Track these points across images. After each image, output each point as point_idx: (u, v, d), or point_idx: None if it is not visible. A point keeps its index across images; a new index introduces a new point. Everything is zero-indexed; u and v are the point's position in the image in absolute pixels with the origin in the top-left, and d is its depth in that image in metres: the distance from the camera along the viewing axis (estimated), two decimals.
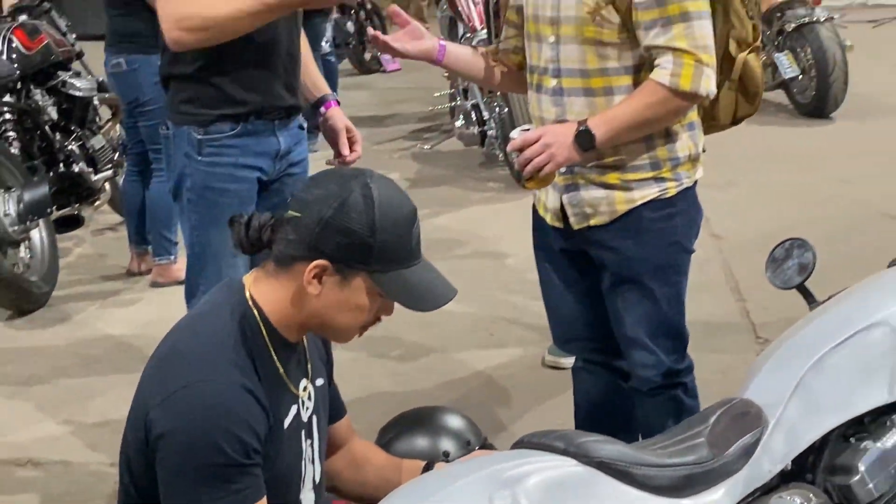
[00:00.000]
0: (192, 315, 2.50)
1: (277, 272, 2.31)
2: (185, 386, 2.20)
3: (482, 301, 5.25)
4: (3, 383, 4.69)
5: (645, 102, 2.95)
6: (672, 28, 2.90)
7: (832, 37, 8.80)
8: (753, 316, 5.15)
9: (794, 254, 2.99)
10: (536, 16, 3.11)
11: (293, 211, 2.27)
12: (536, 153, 2.93)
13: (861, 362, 2.46)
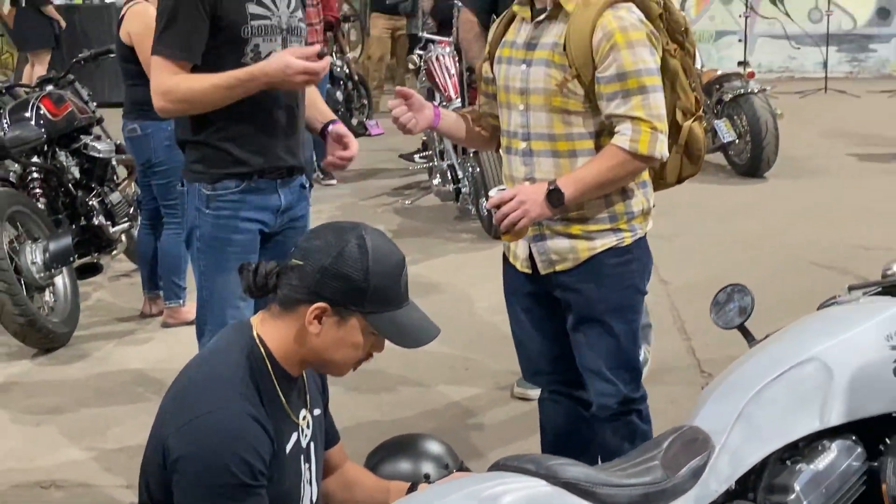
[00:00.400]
0: (205, 351, 2.51)
1: (282, 314, 2.32)
2: (200, 415, 2.20)
3: (458, 340, 5.24)
4: (30, 413, 4.65)
5: (608, 165, 2.98)
6: (631, 99, 2.95)
7: (765, 106, 8.89)
8: (698, 353, 5.16)
9: (734, 298, 3.01)
10: (507, 87, 3.15)
11: (296, 259, 2.29)
12: (512, 209, 2.95)
13: (795, 394, 2.47)
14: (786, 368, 2.51)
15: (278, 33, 3.34)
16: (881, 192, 8.33)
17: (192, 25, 3.23)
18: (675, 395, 4.64)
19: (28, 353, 5.31)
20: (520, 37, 3.16)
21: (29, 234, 5.46)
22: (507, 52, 3.18)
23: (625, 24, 2.96)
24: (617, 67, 2.94)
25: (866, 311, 2.61)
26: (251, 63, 3.28)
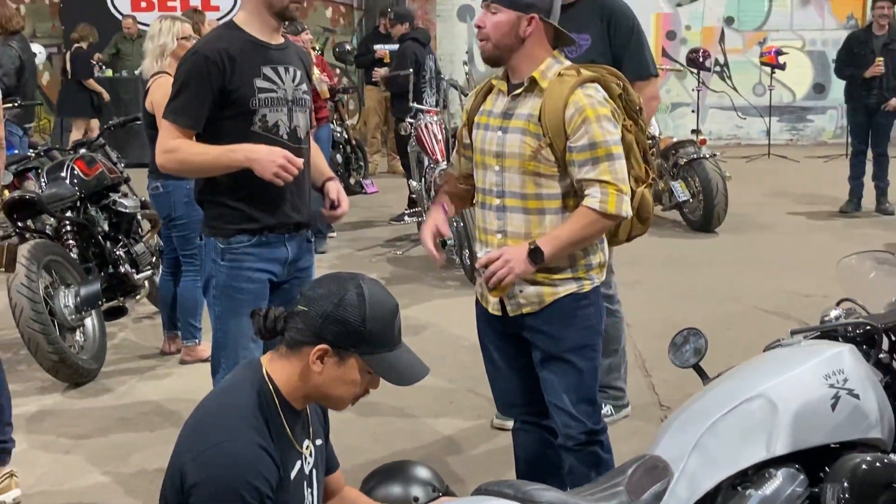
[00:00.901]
0: (220, 387, 2.50)
1: (288, 354, 2.32)
2: (214, 445, 2.20)
3: (443, 376, 5.24)
4: (60, 441, 4.62)
5: (581, 224, 3.03)
6: (600, 165, 3.00)
7: (715, 169, 8.95)
8: (658, 389, 5.15)
9: (690, 340, 3.02)
10: (483, 150, 3.19)
11: (301, 306, 2.30)
12: (499, 268, 3.02)
13: (745, 427, 2.47)
14: (736, 404, 2.51)
15: (284, 104, 3.37)
16: (818, 245, 8.38)
17: (198, 97, 3.27)
18: (636, 426, 4.64)
19: (59, 386, 5.28)
20: (496, 106, 3.19)
21: (62, 280, 5.45)
22: (484, 119, 3.22)
23: (594, 101, 3.02)
24: (588, 138, 2.99)
25: (807, 353, 2.62)
26: (260, 130, 3.30)
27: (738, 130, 15.47)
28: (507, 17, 3.05)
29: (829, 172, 11.98)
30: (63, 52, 14.71)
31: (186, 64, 3.31)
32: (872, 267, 3.02)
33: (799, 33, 15.31)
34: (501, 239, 3.17)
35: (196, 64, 3.26)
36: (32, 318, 4.99)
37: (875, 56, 9.45)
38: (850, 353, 2.59)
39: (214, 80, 3.24)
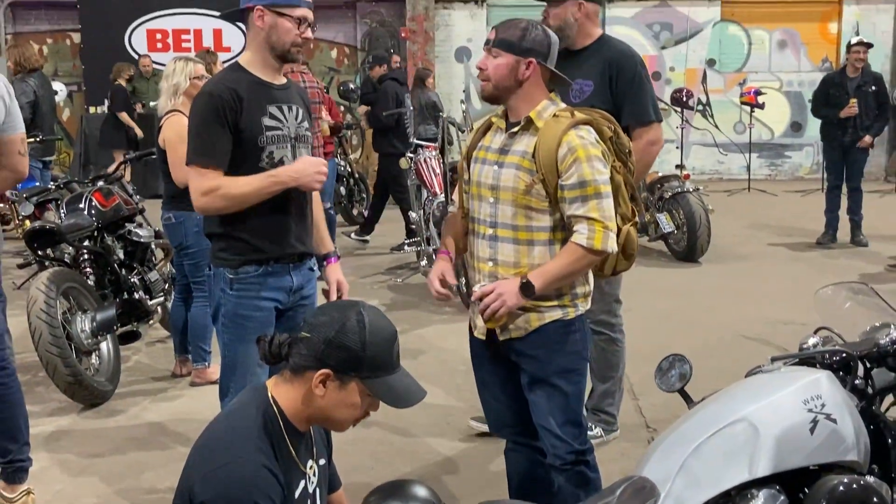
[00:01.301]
0: (227, 410, 2.47)
1: (292, 378, 2.32)
2: (221, 465, 2.18)
3: (441, 398, 5.22)
4: (76, 459, 4.58)
5: (569, 259, 3.05)
6: (588, 203, 3.02)
7: (698, 202, 8.97)
8: (645, 411, 5.13)
9: (675, 365, 3.01)
10: (479, 182, 3.21)
11: (305, 332, 2.29)
12: (493, 301, 3.05)
13: (728, 449, 2.46)
14: (720, 427, 2.50)
15: (288, 141, 3.38)
16: (796, 275, 8.38)
17: (218, 137, 3.26)
18: (624, 448, 4.62)
19: (75, 407, 5.25)
20: (494, 143, 3.22)
21: (80, 306, 5.43)
22: (482, 154, 3.24)
23: (585, 142, 3.04)
24: (578, 176, 3.01)
25: (786, 379, 2.61)
26: (267, 166, 3.31)
27: (720, 166, 15.53)
28: (506, 61, 3.09)
29: (806, 206, 12.02)
30: (83, 90, 14.79)
31: (200, 105, 3.30)
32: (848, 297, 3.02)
33: (777, 75, 15.41)
34: (492, 267, 3.18)
35: (210, 104, 3.26)
36: (51, 342, 4.97)
37: (849, 97, 9.50)
38: (828, 379, 2.58)
39: (229, 118, 3.24)
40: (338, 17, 15.00)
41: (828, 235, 9.79)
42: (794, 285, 7.82)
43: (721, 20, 15.27)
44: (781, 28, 15.30)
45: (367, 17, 15.30)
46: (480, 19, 15.15)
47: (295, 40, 3.31)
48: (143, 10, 14.65)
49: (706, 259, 9.00)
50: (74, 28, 14.94)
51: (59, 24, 15.21)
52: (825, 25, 15.30)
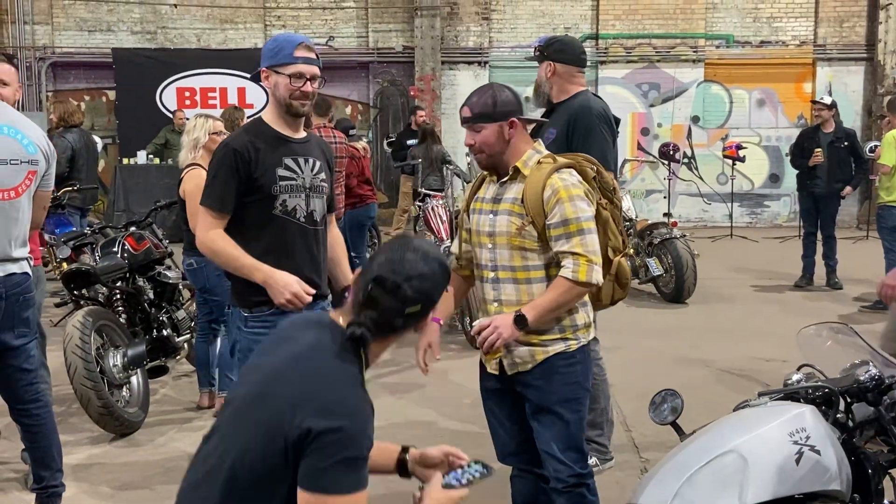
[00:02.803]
0: (316, 346, 2.23)
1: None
2: (339, 399, 2.08)
3: (448, 429, 5.18)
4: (107, 487, 4.54)
5: (557, 293, 3.09)
6: (573, 239, 3.08)
7: (685, 248, 8.97)
8: (637, 442, 5.08)
9: (668, 400, 2.98)
10: (478, 231, 3.26)
11: (413, 302, 2.25)
12: (489, 334, 3.08)
13: (719, 479, 2.43)
14: (711, 458, 2.47)
15: (302, 191, 3.39)
16: (776, 315, 8.36)
17: (228, 185, 3.30)
18: (619, 477, 4.57)
19: (107, 437, 5.21)
20: (488, 193, 3.28)
21: (112, 342, 5.42)
22: (478, 205, 3.30)
23: (567, 184, 3.11)
24: (561, 215, 3.08)
25: (773, 413, 2.58)
26: (280, 214, 3.32)
27: (704, 214, 15.55)
28: (491, 130, 3.16)
29: (785, 251, 12.01)
30: (117, 143, 14.88)
31: (218, 155, 3.36)
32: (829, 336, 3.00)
33: (756, 130, 15.48)
34: (498, 307, 3.20)
35: (226, 156, 3.31)
36: (85, 376, 4.96)
37: (820, 148, 9.57)
38: (812, 413, 2.55)
39: (242, 170, 3.28)
40: (352, 77, 15.14)
41: (805, 279, 9.78)
42: (776, 324, 7.79)
43: (704, 80, 15.38)
44: (760, 88, 15.40)
45: (379, 76, 15.44)
46: (483, 78, 15.28)
47: (293, 94, 3.33)
48: (173, 70, 14.79)
49: (693, 300, 8.98)
50: (110, 86, 15.08)
51: (95, 82, 15.36)
52: (800, 85, 15.40)
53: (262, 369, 2.21)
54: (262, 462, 2.07)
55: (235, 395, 2.25)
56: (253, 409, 2.13)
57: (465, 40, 15.40)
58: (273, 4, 15.43)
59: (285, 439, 2.04)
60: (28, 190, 3.87)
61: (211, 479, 2.13)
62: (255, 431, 2.09)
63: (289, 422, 2.04)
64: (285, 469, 2.06)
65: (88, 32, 15.37)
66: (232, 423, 2.17)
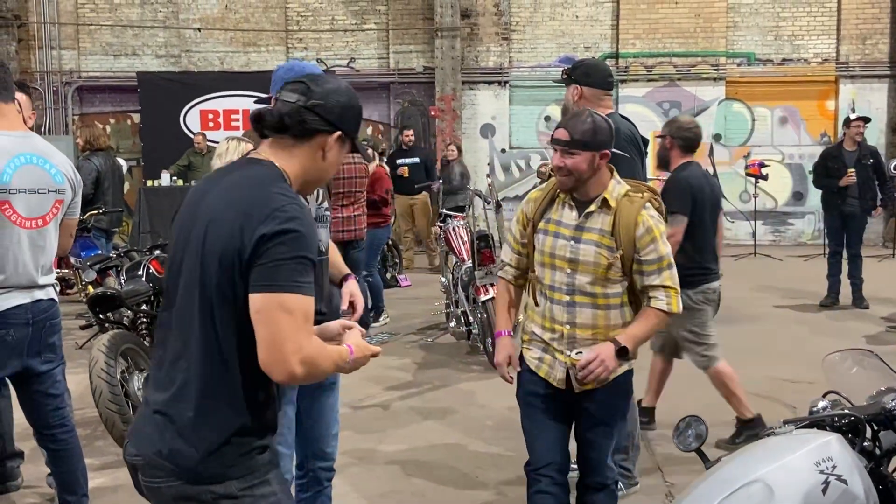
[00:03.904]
0: (246, 176, 2.26)
1: (294, 146, 2.29)
2: (281, 206, 2.13)
3: (471, 452, 5.16)
4: None
5: (653, 323, 3.30)
6: (664, 273, 3.27)
7: None
8: (662, 465, 5.05)
9: (692, 426, 2.95)
10: (553, 254, 3.35)
11: (316, 100, 2.28)
12: (596, 367, 3.21)
13: None
14: (736, 488, 2.45)
15: None
16: (801, 336, 8.28)
17: None
18: (643, 500, 4.55)
19: None
20: (566, 218, 3.35)
21: (136, 365, 5.44)
22: (553, 227, 3.38)
23: (656, 221, 3.30)
24: (657, 253, 3.26)
25: (799, 442, 2.56)
26: None
27: (728, 232, 15.44)
28: (584, 158, 3.26)
29: (809, 270, 11.91)
30: (141, 165, 15.03)
31: None
32: (854, 363, 2.97)
33: (779, 148, 15.40)
34: (570, 329, 3.33)
35: None
36: (110, 400, 4.98)
37: (847, 168, 9.50)
38: (838, 441, 2.53)
39: None
40: (373, 98, 15.21)
41: (830, 298, 9.69)
42: (801, 345, 7.72)
43: (726, 98, 15.33)
44: (782, 105, 15.34)
45: (400, 97, 15.51)
46: (503, 99, 15.31)
47: None
48: (196, 93, 14.93)
49: (716, 320, 8.85)
50: (135, 109, 15.24)
51: (120, 105, 15.53)
52: (823, 103, 15.32)
53: (194, 224, 2.22)
54: (234, 305, 2.12)
55: (174, 267, 2.27)
56: (202, 257, 2.16)
57: (485, 60, 15.45)
58: (295, 27, 15.56)
59: (241, 259, 2.09)
60: (55, 218, 3.92)
61: (184, 347, 2.18)
62: (213, 276, 2.13)
63: (240, 242, 2.10)
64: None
65: (114, 57, 15.57)
66: (185, 289, 2.20)
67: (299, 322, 2.08)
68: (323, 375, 2.20)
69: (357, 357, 2.30)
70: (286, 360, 2.07)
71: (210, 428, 2.16)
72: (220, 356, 2.15)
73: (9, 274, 3.74)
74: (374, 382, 6.76)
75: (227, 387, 2.16)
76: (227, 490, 2.16)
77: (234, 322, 2.13)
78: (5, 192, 3.71)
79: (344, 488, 4.49)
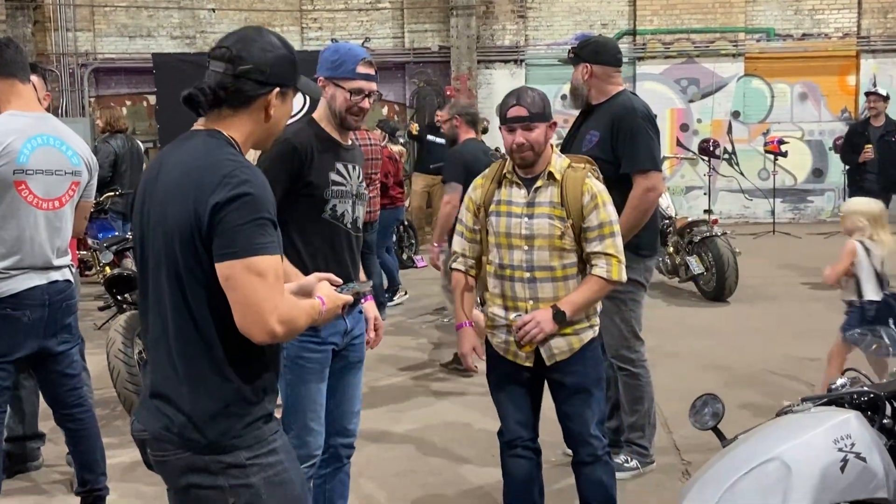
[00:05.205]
0: (196, 149, 2.24)
1: (236, 112, 2.28)
2: (231, 171, 2.12)
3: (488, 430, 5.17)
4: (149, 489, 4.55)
5: (592, 290, 3.38)
6: (605, 241, 3.35)
7: (726, 245, 8.86)
8: (679, 444, 5.04)
9: (709, 404, 2.95)
10: (509, 234, 3.42)
11: (243, 66, 2.24)
12: (532, 328, 3.34)
13: (761, 487, 2.40)
14: (753, 466, 2.44)
15: (350, 197, 3.37)
16: (821, 314, 8.21)
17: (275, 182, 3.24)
18: (660, 480, 4.53)
19: None
20: (516, 196, 3.42)
21: None
22: (504, 207, 3.45)
23: (600, 188, 3.40)
24: (598, 219, 3.35)
25: (817, 419, 2.54)
26: (329, 218, 3.28)
27: (746, 210, 15.37)
28: (542, 130, 3.37)
29: (829, 247, 11.80)
30: (157, 147, 15.06)
31: (275, 148, 3.18)
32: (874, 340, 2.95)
33: (798, 125, 15.26)
34: (534, 304, 3.41)
35: (283, 151, 3.20)
36: (127, 380, 5.02)
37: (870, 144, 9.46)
38: (857, 419, 2.51)
39: (295, 167, 3.20)
40: (389, 77, 15.16)
41: None
42: (820, 323, 7.65)
43: (745, 75, 15.19)
44: (802, 81, 15.18)
45: (416, 76, 15.45)
46: (520, 77, 15.23)
47: (350, 109, 3.30)
48: None
49: (734, 299, 8.87)
50: (150, 91, 15.26)
51: (136, 87, 15.55)
52: (844, 78, 15.15)
53: (152, 207, 2.23)
54: (203, 278, 2.12)
55: (140, 253, 2.28)
56: (163, 237, 2.17)
57: (500, 39, 15.36)
58: (309, 7, 15.52)
59: (200, 231, 2.09)
60: (71, 200, 3.93)
61: (163, 329, 2.20)
62: (177, 253, 2.14)
63: (195, 214, 2.09)
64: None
65: (129, 38, 15.58)
66: (154, 272, 2.21)
67: (271, 282, 2.09)
68: (300, 331, 2.21)
69: (329, 307, 2.32)
70: (265, 320, 2.08)
71: (207, 397, 2.17)
72: (198, 331, 2.16)
73: (25, 255, 3.75)
74: (390, 362, 6.78)
75: (210, 359, 2.17)
76: (236, 459, 2.19)
77: (205, 294, 2.14)
78: (22, 173, 3.72)
79: (360, 467, 4.51)
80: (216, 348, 2.16)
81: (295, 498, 2.29)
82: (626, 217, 4.15)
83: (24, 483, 4.70)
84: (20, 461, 4.79)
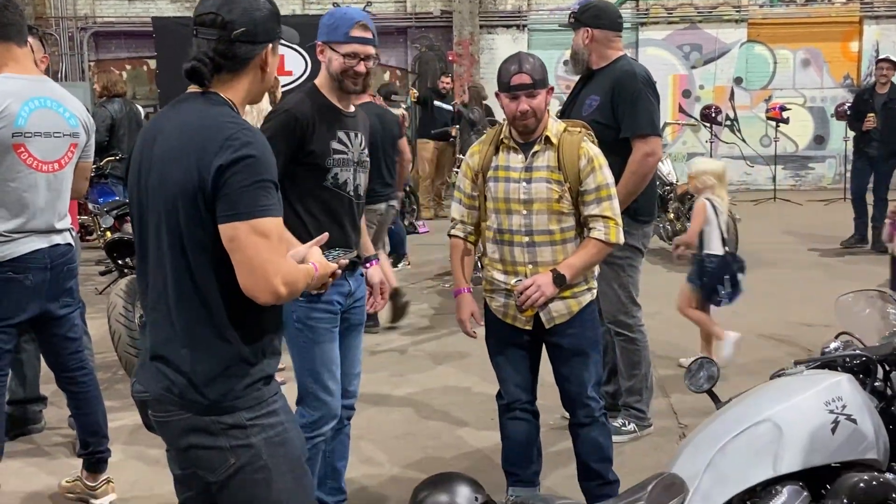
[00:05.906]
0: (198, 113, 2.24)
1: (233, 76, 2.29)
2: (232, 135, 2.13)
3: (488, 395, 5.21)
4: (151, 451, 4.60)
5: (591, 253, 3.39)
6: (603, 203, 3.36)
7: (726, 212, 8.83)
8: (676, 408, 5.07)
9: (704, 367, 2.96)
10: (507, 199, 3.42)
11: (238, 30, 2.24)
12: (533, 292, 3.36)
13: (753, 448, 2.42)
14: (746, 427, 2.46)
15: (351, 165, 3.36)
16: (819, 280, 8.25)
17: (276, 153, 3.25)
18: (657, 442, 4.57)
19: None
20: (513, 162, 3.43)
21: None
22: (502, 173, 3.45)
23: (596, 152, 3.41)
24: (595, 182, 3.36)
25: (809, 382, 2.56)
26: (331, 186, 3.29)
27: (747, 177, 15.33)
28: (542, 96, 3.38)
29: (830, 215, 11.82)
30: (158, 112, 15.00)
31: (276, 119, 3.25)
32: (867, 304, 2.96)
33: (800, 91, 15.19)
34: (533, 269, 3.43)
35: (285, 122, 3.21)
36: (128, 344, 5.05)
37: (874, 112, 9.44)
38: (848, 381, 2.52)
39: (297, 138, 3.20)
40: (390, 43, 15.07)
41: (856, 237, 9.73)
42: (819, 289, 7.69)
43: (747, 41, 15.09)
44: (805, 47, 15.09)
45: (417, 42, 15.36)
46: (522, 43, 15.13)
47: (346, 72, 3.28)
48: None
49: None
50: (151, 55, 15.18)
51: (136, 51, 15.47)
52: (846, 44, 15.05)
53: (151, 170, 2.22)
54: (204, 240, 2.13)
55: (139, 216, 2.28)
56: (164, 200, 2.17)
57: (503, 3, 15.25)
58: None
59: (204, 194, 2.10)
60: (71, 162, 3.93)
61: (164, 290, 2.21)
62: (179, 216, 2.14)
63: (199, 177, 2.10)
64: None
65: (129, 1, 15.47)
66: (154, 234, 2.21)
67: (274, 243, 2.11)
68: (299, 293, 2.23)
69: (321, 273, 2.34)
70: (270, 280, 2.09)
71: (207, 359, 2.19)
72: (198, 293, 2.17)
73: (27, 218, 3.76)
74: (391, 327, 6.81)
75: (210, 321, 2.18)
76: (237, 420, 2.21)
77: (206, 256, 2.15)
78: (20, 136, 3.72)
79: (360, 430, 4.55)
80: (216, 310, 2.18)
81: (295, 458, 2.32)
82: (626, 181, 4.17)
83: (26, 445, 4.75)
84: (22, 424, 4.84)
